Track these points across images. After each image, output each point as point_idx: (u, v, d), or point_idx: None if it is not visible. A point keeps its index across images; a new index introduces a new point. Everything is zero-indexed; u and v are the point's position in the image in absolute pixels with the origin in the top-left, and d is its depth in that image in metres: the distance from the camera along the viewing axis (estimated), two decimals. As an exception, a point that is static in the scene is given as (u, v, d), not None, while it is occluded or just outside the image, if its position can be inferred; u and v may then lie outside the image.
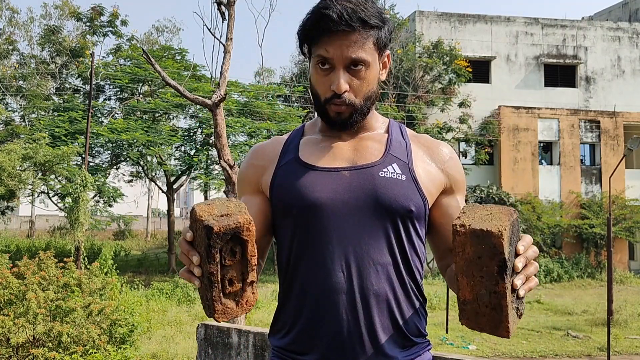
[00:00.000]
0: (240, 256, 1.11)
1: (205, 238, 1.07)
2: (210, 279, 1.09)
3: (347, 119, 1.31)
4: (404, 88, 20.86)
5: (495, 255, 1.02)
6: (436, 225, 1.37)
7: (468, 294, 1.07)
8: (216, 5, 7.45)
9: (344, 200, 1.27)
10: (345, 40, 1.25)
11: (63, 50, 22.52)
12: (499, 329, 1.05)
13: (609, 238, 9.08)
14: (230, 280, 1.11)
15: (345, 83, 1.27)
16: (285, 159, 1.36)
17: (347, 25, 1.24)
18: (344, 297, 1.24)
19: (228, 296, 1.11)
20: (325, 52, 1.26)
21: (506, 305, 1.03)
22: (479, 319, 1.07)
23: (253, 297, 1.14)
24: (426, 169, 1.34)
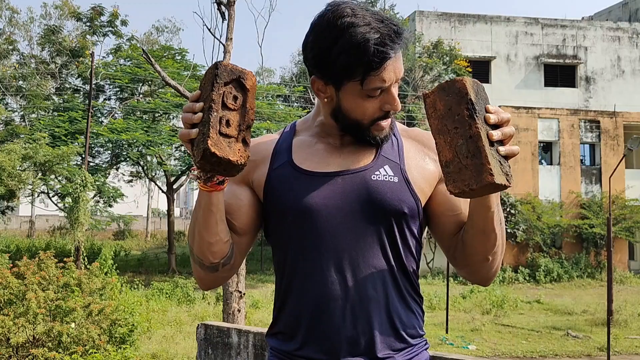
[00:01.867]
0: (240, 105, 1.14)
1: (214, 69, 1.11)
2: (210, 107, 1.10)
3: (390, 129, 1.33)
4: (404, 88, 20.86)
5: (462, 99, 1.08)
6: (437, 216, 1.35)
7: (447, 152, 1.09)
8: (216, 5, 7.45)
9: (338, 206, 1.27)
10: (397, 61, 1.23)
11: (63, 50, 22.52)
12: (482, 174, 1.04)
13: (609, 238, 9.08)
14: (228, 122, 1.11)
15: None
16: (278, 161, 1.35)
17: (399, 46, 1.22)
18: (341, 302, 1.24)
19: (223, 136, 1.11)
20: (383, 82, 1.22)
21: (482, 146, 1.05)
22: (463, 174, 1.07)
23: (245, 153, 1.13)
24: (419, 165, 1.34)
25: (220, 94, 1.11)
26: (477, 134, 1.06)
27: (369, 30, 1.19)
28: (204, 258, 1.28)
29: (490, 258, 1.29)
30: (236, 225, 1.32)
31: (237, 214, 1.32)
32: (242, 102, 1.14)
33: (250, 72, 1.15)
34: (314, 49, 1.26)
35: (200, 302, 12.66)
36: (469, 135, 1.07)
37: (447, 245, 1.37)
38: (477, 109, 1.08)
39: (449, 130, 1.09)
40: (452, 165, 1.08)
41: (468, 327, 11.15)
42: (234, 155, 1.10)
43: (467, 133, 1.07)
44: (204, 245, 1.26)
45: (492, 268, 1.31)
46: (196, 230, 1.25)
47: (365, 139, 1.31)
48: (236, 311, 6.77)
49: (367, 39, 1.19)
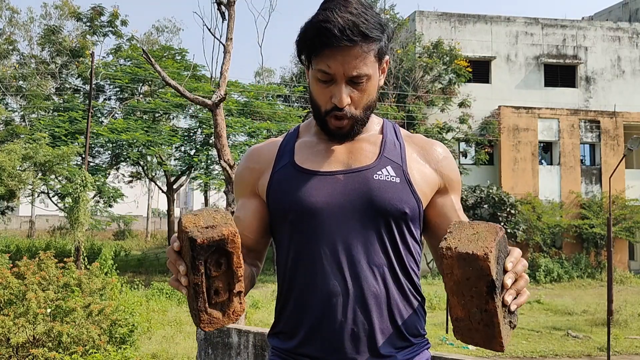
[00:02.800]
0: (226, 267, 1.12)
1: (190, 250, 1.07)
2: (195, 289, 1.09)
3: (348, 131, 1.32)
4: (404, 88, 20.86)
5: (482, 277, 1.04)
6: (432, 225, 1.38)
7: (460, 312, 1.08)
8: (216, 5, 7.45)
9: (340, 204, 1.28)
10: (347, 56, 1.23)
11: (63, 50, 22.52)
12: (493, 344, 1.07)
13: (609, 238, 9.08)
14: (217, 291, 1.12)
15: (347, 97, 1.27)
16: (281, 163, 1.37)
17: (349, 41, 1.21)
18: (342, 300, 1.25)
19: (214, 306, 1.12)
20: (327, 67, 1.24)
21: (498, 322, 1.05)
22: (473, 335, 1.08)
23: (240, 307, 1.14)
24: (420, 169, 1.35)
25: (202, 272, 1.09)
26: (494, 311, 1.05)
27: (330, 15, 1.22)
28: None
29: None
30: (250, 243, 1.37)
31: (249, 230, 1.37)
32: (227, 265, 1.12)
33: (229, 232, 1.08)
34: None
35: (200, 302, 12.65)
36: (485, 309, 1.05)
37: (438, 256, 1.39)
38: (497, 285, 1.04)
39: (464, 295, 1.07)
40: (462, 322, 1.09)
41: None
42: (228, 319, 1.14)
43: (482, 306, 1.05)
44: None
45: None
46: None
47: (326, 130, 1.33)
48: (236, 311, 6.75)
49: (321, 20, 1.22)
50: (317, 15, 1.24)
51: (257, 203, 1.38)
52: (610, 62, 23.24)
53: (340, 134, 1.32)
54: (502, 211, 19.18)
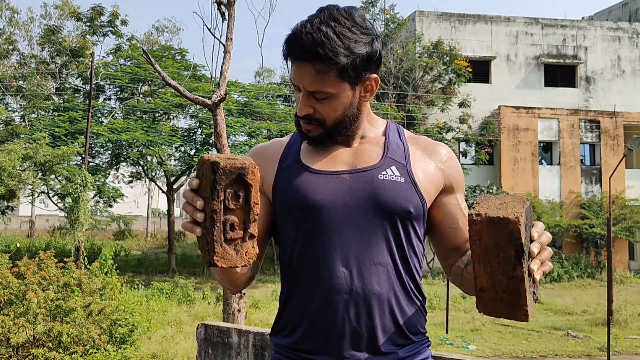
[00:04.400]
0: (243, 202, 1.11)
1: (212, 173, 1.07)
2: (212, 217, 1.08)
3: (317, 137, 1.34)
4: (404, 88, 20.86)
5: (512, 241, 1.04)
6: (437, 225, 1.39)
7: (485, 281, 1.08)
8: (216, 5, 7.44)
9: (345, 203, 1.30)
10: (303, 71, 1.27)
11: (63, 50, 22.52)
12: (518, 313, 1.07)
13: (609, 238, 9.08)
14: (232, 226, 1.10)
15: (307, 107, 1.31)
16: (287, 161, 1.38)
17: (305, 59, 1.26)
18: (346, 297, 1.26)
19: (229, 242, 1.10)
20: (293, 78, 1.31)
21: (524, 289, 1.06)
22: (497, 305, 1.08)
23: (253, 250, 1.12)
24: (425, 169, 1.36)
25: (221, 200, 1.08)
26: (521, 276, 1.05)
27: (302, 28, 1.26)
28: (229, 288, 1.37)
29: None
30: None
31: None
32: (245, 199, 1.11)
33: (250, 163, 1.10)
34: None
35: (200, 302, 12.66)
36: (512, 275, 1.06)
37: (442, 256, 1.42)
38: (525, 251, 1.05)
39: (491, 262, 1.07)
40: (486, 293, 1.09)
41: (468, 327, 11.15)
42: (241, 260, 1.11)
43: (510, 273, 1.06)
44: (227, 283, 1.34)
45: None
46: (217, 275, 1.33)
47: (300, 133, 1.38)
48: (236, 311, 6.77)
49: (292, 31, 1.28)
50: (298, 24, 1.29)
51: (262, 199, 1.37)
52: (610, 62, 23.24)
53: (310, 139, 1.35)
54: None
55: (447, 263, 1.41)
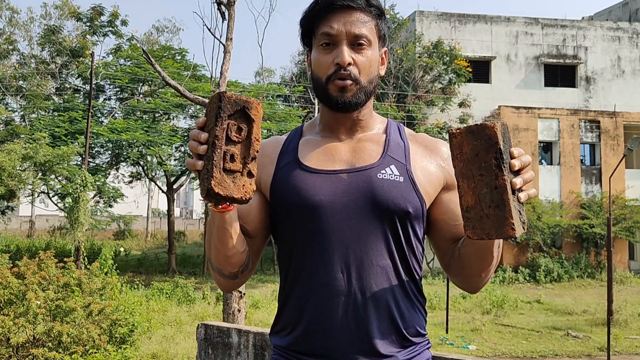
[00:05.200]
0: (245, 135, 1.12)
1: (218, 101, 1.09)
2: (214, 144, 1.09)
3: (352, 97, 1.31)
4: (404, 88, 20.86)
5: (491, 147, 1.06)
6: (437, 222, 1.37)
7: (470, 198, 1.09)
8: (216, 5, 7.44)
9: (343, 203, 1.28)
10: (349, 17, 1.29)
11: (63, 50, 22.51)
12: (504, 227, 1.06)
13: (609, 238, 9.08)
14: (232, 157, 1.11)
15: (349, 56, 1.29)
16: (284, 161, 1.37)
17: (351, 6, 1.29)
18: (344, 298, 1.25)
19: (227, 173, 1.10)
20: (330, 28, 1.29)
21: (508, 199, 1.05)
22: (484, 223, 1.08)
23: (251, 187, 1.12)
24: (425, 169, 1.35)
25: (224, 127, 1.09)
26: (503, 185, 1.06)
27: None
28: (223, 268, 1.31)
29: (484, 275, 1.31)
30: (248, 229, 1.35)
31: (248, 218, 1.35)
32: (247, 133, 1.12)
33: (255, 100, 1.12)
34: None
35: (200, 302, 12.66)
36: (495, 185, 1.06)
37: (443, 253, 1.40)
38: (504, 158, 1.06)
39: (473, 175, 1.08)
40: (473, 212, 1.09)
41: (468, 327, 11.15)
42: (238, 192, 1.11)
43: (492, 183, 1.06)
44: (222, 258, 1.29)
45: (483, 281, 1.34)
46: (212, 245, 1.28)
47: (328, 101, 1.33)
48: (236, 311, 6.77)
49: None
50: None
51: (259, 197, 1.37)
52: (610, 62, 23.24)
53: (344, 98, 1.31)
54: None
55: (446, 261, 1.39)
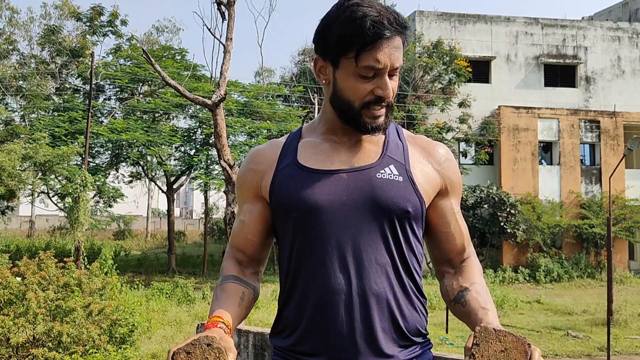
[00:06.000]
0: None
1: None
2: None
3: (384, 122, 1.32)
4: (404, 88, 20.85)
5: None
6: (432, 226, 1.39)
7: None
8: (216, 5, 7.45)
9: (342, 202, 1.28)
10: (394, 48, 1.25)
11: (63, 50, 22.51)
12: None
13: (609, 238, 9.07)
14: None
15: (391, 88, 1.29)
16: (284, 162, 1.37)
17: (397, 31, 1.25)
18: (344, 297, 1.25)
19: None
20: (377, 62, 1.24)
21: None
22: None
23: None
24: (423, 169, 1.35)
25: None
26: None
27: (370, 9, 1.23)
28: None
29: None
30: (255, 241, 1.40)
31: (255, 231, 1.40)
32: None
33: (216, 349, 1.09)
34: (319, 27, 1.31)
35: (200, 302, 12.65)
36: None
37: (434, 259, 1.43)
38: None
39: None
40: None
41: (468, 327, 11.14)
42: None
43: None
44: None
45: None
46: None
47: (357, 124, 1.32)
48: (236, 311, 6.75)
49: (366, 14, 1.23)
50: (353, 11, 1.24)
51: (261, 206, 1.39)
52: (610, 62, 23.24)
53: (378, 124, 1.31)
54: (502, 211, 19.18)
55: (438, 270, 1.43)
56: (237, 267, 1.42)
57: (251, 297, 1.38)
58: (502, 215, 19.13)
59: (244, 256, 1.42)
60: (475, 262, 1.41)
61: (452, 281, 1.37)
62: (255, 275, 1.43)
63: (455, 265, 1.39)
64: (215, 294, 1.38)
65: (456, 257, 1.39)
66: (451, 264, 1.40)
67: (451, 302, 1.36)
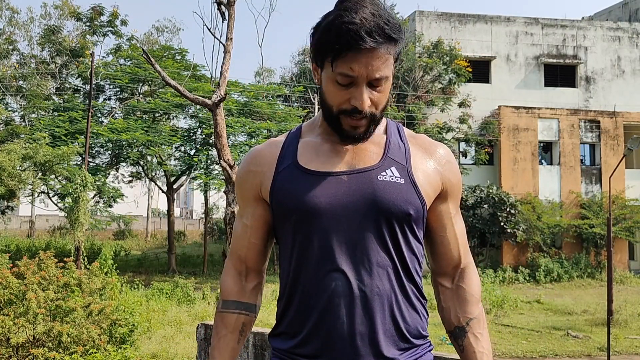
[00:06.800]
0: None
1: None
2: None
3: (364, 132, 1.30)
4: (404, 88, 20.85)
5: None
6: (430, 228, 1.39)
7: None
8: (216, 5, 7.44)
9: (343, 205, 1.27)
10: (371, 58, 1.20)
11: (63, 50, 22.50)
12: None
13: (609, 238, 9.07)
14: None
15: (368, 99, 1.25)
16: (284, 164, 1.35)
17: (375, 43, 1.19)
18: (345, 300, 1.25)
19: None
20: (350, 70, 1.21)
21: None
22: None
23: None
24: (424, 171, 1.34)
25: None
26: None
27: (354, 16, 1.20)
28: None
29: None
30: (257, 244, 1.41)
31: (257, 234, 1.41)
32: None
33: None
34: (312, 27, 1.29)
35: (200, 302, 12.65)
36: None
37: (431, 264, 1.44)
38: None
39: None
40: None
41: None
42: None
43: None
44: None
45: None
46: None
47: (336, 130, 1.31)
48: (236, 311, 6.75)
49: (347, 21, 1.19)
50: (338, 17, 1.21)
51: (262, 208, 1.39)
52: (610, 62, 23.23)
53: (356, 135, 1.29)
54: (502, 211, 19.18)
55: (434, 279, 1.44)
56: (239, 285, 1.42)
57: (251, 322, 1.42)
58: (502, 215, 19.13)
59: (245, 267, 1.42)
60: (472, 276, 1.40)
61: (449, 305, 1.39)
62: (256, 290, 1.44)
63: (452, 278, 1.39)
64: (216, 326, 1.41)
65: (452, 268, 1.39)
66: (447, 276, 1.40)
67: (448, 333, 1.40)
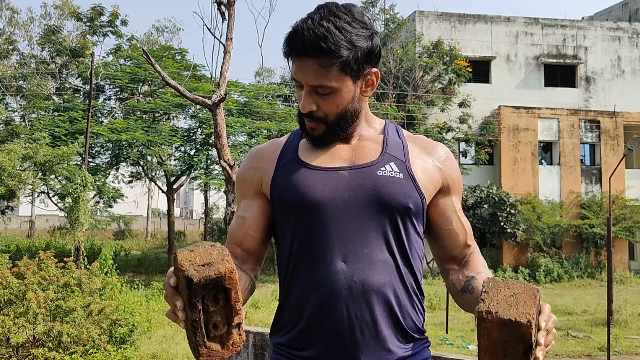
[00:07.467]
0: (224, 302, 1.11)
1: (187, 288, 1.07)
2: (193, 325, 1.09)
3: (321, 135, 1.34)
4: (404, 88, 20.85)
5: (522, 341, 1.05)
6: (433, 223, 1.40)
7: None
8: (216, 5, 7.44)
9: (344, 199, 1.29)
10: (307, 67, 1.27)
11: (63, 50, 22.51)
12: None
13: (609, 238, 9.07)
14: (215, 325, 1.11)
15: (311, 104, 1.30)
16: (285, 159, 1.38)
17: (307, 54, 1.26)
18: (345, 293, 1.25)
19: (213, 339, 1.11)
20: (295, 74, 1.30)
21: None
22: None
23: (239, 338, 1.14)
24: (423, 167, 1.36)
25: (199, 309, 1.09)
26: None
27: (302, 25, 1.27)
28: None
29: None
30: (255, 237, 1.39)
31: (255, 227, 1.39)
32: (225, 300, 1.11)
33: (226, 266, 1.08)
34: None
35: (200, 302, 12.66)
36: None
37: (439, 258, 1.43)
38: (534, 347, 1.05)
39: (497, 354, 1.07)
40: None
41: (468, 327, 11.15)
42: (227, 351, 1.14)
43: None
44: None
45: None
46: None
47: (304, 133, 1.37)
48: (236, 311, 6.75)
49: (293, 29, 1.28)
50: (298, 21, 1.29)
51: (261, 202, 1.39)
52: (610, 62, 23.24)
53: (314, 137, 1.35)
54: (502, 211, 19.18)
55: (443, 267, 1.42)
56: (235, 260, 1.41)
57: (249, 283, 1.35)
58: (502, 215, 19.13)
59: (242, 252, 1.40)
60: (479, 255, 1.41)
61: (458, 275, 1.37)
62: (252, 271, 1.40)
63: (460, 261, 1.40)
64: None
65: (460, 254, 1.40)
66: (455, 260, 1.40)
67: (458, 293, 1.35)
